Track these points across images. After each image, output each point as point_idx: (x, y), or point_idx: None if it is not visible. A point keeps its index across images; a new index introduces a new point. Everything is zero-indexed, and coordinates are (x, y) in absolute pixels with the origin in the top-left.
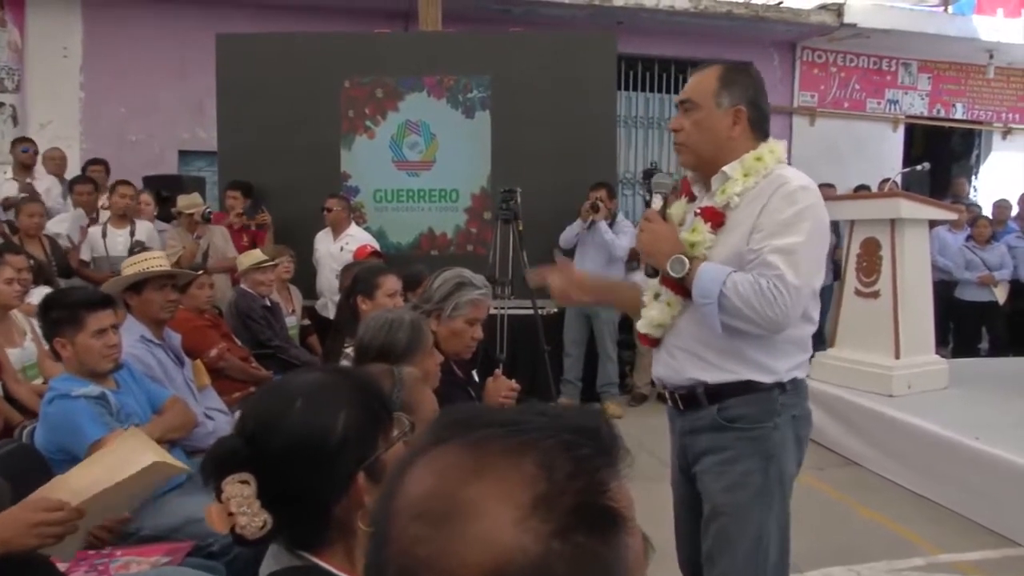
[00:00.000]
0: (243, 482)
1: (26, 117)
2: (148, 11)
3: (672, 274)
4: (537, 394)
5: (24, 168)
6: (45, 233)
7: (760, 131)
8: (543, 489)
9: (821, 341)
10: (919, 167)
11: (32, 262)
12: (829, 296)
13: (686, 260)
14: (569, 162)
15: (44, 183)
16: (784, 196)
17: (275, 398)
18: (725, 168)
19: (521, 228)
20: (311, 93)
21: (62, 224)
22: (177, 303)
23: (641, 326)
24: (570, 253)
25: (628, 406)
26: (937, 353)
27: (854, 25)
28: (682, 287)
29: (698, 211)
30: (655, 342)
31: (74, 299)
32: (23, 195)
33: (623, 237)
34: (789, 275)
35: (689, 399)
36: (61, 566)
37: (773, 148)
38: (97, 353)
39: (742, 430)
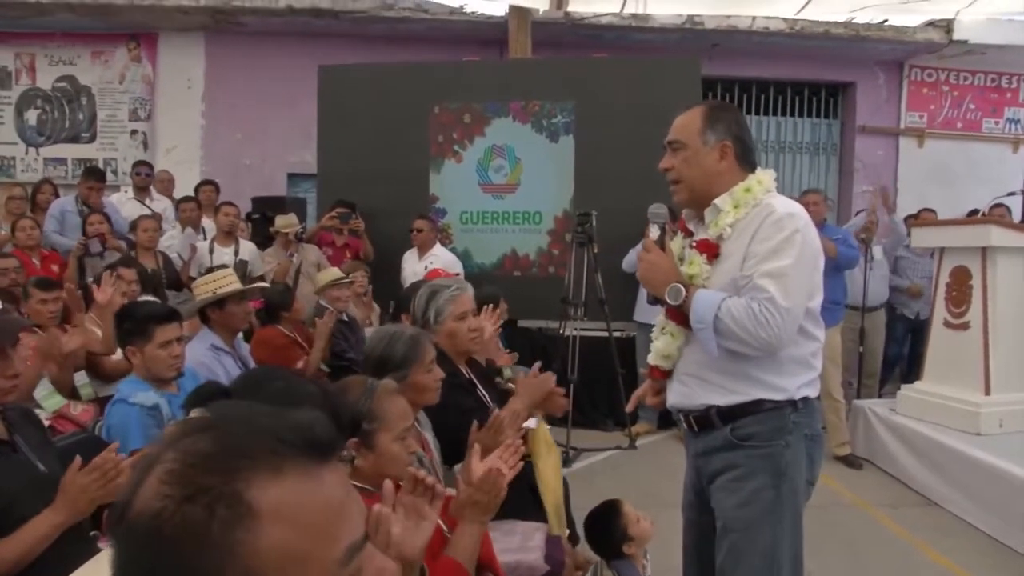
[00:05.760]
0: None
1: (155, 143)
2: (262, 45)
3: (670, 302)
4: (613, 417)
5: (140, 190)
6: (159, 249)
7: (747, 163)
8: (184, 462)
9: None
10: (1013, 193)
11: (137, 273)
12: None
13: (682, 288)
14: (651, 187)
15: (162, 203)
16: (772, 224)
17: (265, 375)
18: (716, 201)
19: (596, 251)
20: (403, 119)
21: (172, 240)
22: (251, 314)
23: (651, 358)
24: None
25: None
26: None
27: (965, 42)
28: (682, 315)
29: (693, 244)
30: (666, 374)
31: (145, 313)
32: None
33: None
34: (779, 297)
35: (703, 421)
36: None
37: (761, 179)
38: (163, 363)
39: (754, 447)
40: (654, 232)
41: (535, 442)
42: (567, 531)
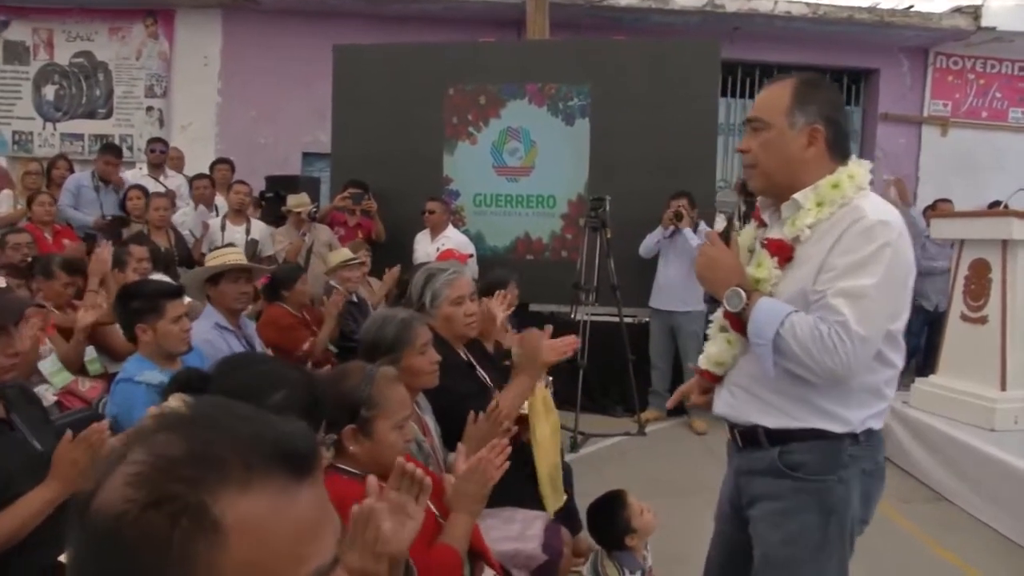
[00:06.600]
0: (183, 401)
1: (171, 120)
2: (279, 24)
3: (728, 308)
4: (623, 403)
5: (155, 167)
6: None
7: (839, 151)
8: (153, 465)
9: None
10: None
11: (149, 251)
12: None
13: (743, 293)
14: (667, 171)
15: (176, 180)
16: (859, 232)
17: (249, 359)
18: (796, 196)
19: (609, 236)
20: (417, 100)
21: (185, 217)
22: (251, 295)
23: (702, 362)
24: (652, 263)
25: (717, 420)
26: None
27: (993, 28)
28: (741, 322)
29: (764, 242)
30: (717, 379)
31: (154, 290)
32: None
33: None
34: (853, 322)
35: (749, 437)
36: None
37: (853, 173)
38: (176, 337)
39: (802, 480)
40: (719, 223)
41: (533, 403)
42: (564, 498)
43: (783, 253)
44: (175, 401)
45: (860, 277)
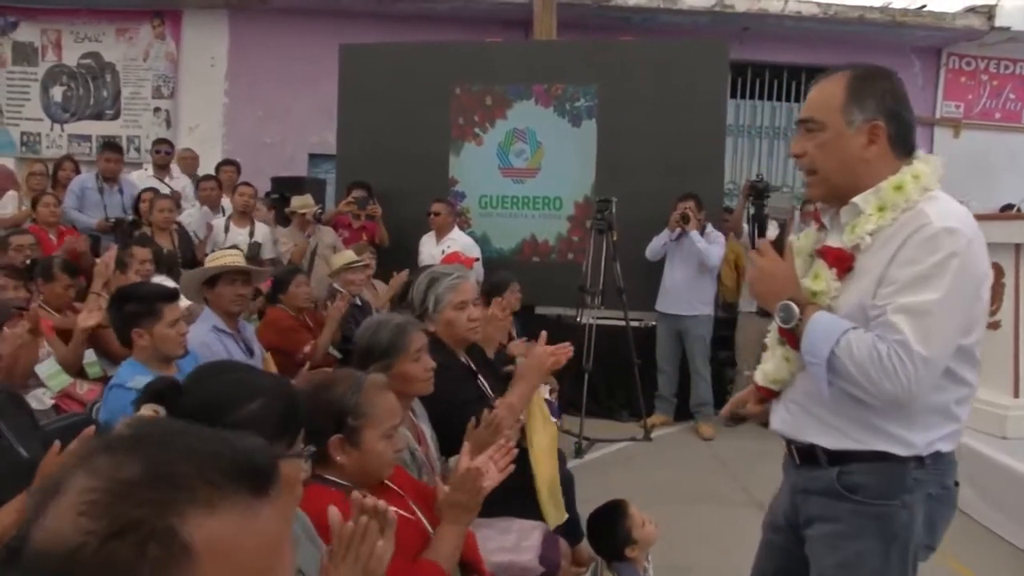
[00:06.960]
0: (154, 411)
1: (178, 121)
2: (286, 24)
3: (780, 323)
4: (629, 408)
5: (160, 168)
6: (180, 223)
7: (903, 148)
8: (109, 490)
9: None
10: None
11: (152, 253)
12: None
13: (795, 308)
14: (674, 173)
15: (181, 181)
16: (922, 241)
17: (224, 367)
18: (856, 200)
19: (616, 238)
20: (424, 100)
21: (190, 218)
22: (247, 297)
23: (758, 378)
24: (658, 266)
25: (724, 426)
26: None
27: (1007, 28)
28: (796, 338)
29: (821, 251)
30: (774, 394)
31: (150, 293)
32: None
33: (716, 247)
34: (915, 342)
35: (807, 455)
36: None
37: (919, 173)
38: (173, 341)
39: (861, 503)
40: (772, 231)
41: (531, 412)
42: (565, 515)
43: (842, 264)
44: (148, 411)
45: (923, 292)
